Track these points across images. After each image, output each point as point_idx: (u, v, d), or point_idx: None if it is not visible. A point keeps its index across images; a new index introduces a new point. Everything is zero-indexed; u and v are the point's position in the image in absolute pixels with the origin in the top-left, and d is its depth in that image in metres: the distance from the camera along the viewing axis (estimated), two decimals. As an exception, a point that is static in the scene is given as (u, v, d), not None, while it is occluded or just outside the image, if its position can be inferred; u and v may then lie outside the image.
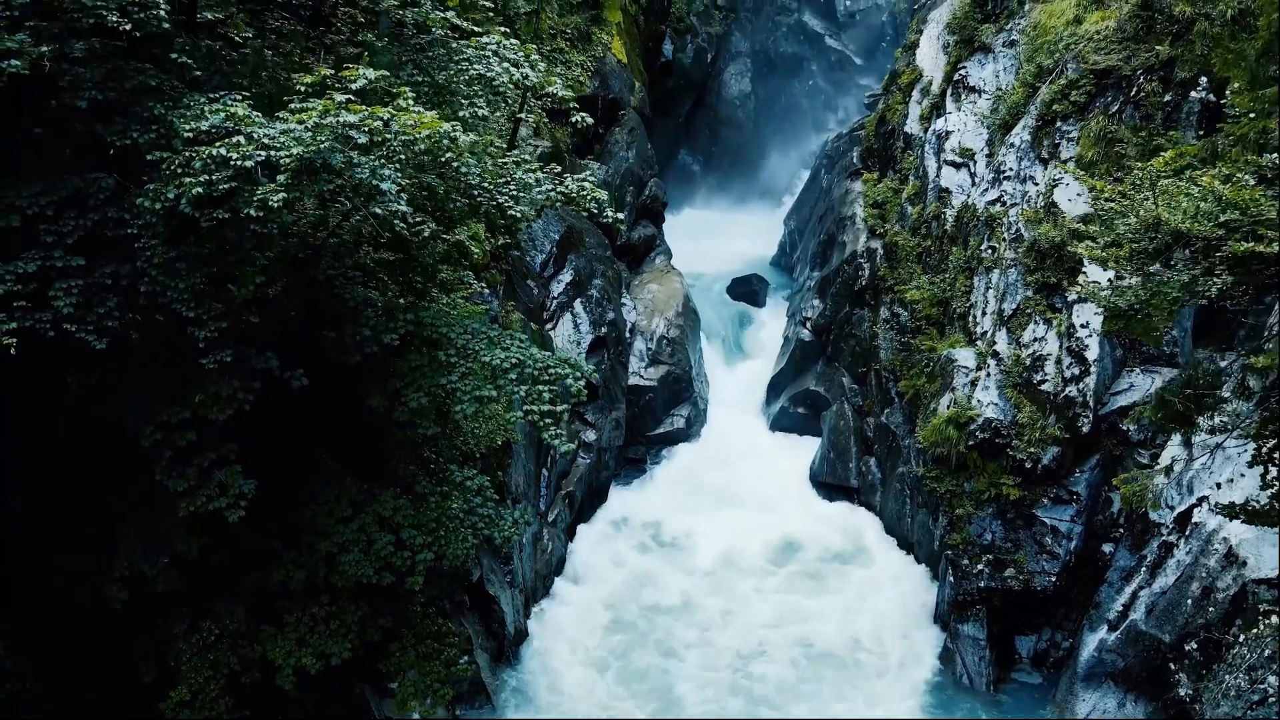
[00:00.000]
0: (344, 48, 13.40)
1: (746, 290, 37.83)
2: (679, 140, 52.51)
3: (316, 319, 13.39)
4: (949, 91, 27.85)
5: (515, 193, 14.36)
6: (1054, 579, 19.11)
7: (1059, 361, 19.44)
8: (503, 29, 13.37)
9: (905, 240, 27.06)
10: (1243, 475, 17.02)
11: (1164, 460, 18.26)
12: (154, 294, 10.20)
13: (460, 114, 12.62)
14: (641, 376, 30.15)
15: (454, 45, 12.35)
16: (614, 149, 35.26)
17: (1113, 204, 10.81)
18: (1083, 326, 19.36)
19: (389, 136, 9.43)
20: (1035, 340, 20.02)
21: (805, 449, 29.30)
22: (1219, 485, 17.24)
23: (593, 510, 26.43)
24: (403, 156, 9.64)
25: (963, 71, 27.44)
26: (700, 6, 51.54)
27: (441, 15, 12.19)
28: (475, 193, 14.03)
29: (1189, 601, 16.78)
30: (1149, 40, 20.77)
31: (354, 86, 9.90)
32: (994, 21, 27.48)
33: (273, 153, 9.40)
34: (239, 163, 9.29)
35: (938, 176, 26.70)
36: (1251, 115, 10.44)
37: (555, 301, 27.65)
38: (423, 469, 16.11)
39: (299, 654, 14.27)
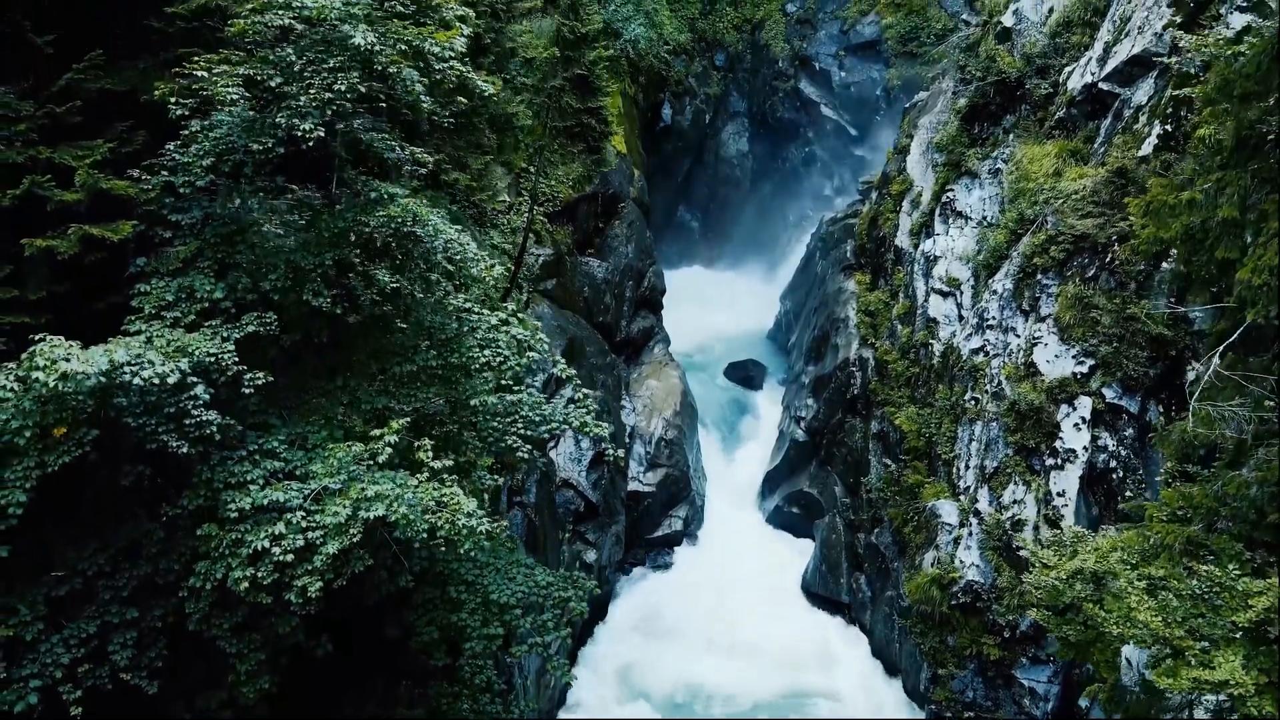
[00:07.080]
0: (370, 306, 14.34)
1: (743, 375, 38.88)
2: (678, 198, 53.40)
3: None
4: (937, 212, 28.81)
5: (523, 431, 15.41)
6: (1032, 739, 20.16)
7: (1036, 528, 20.42)
8: (509, 308, 14.41)
9: (896, 361, 28.07)
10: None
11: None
12: (199, 632, 11.26)
13: (471, 402, 13.68)
14: (640, 481, 31.10)
15: (467, 323, 13.36)
16: (613, 243, 36.14)
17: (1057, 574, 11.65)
18: (1059, 494, 20.35)
19: (413, 519, 10.50)
20: (1014, 502, 21.01)
21: (798, 552, 30.37)
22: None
23: (595, 624, 27.48)
24: (424, 525, 10.71)
25: (950, 194, 28.40)
26: (699, 68, 52.53)
27: (455, 304, 13.22)
28: (485, 434, 15.15)
29: (1157, 776, 17.80)
30: (1123, 208, 21.67)
31: (380, 460, 10.96)
32: (980, 147, 28.40)
33: (310, 534, 10.47)
34: (280, 556, 10.35)
35: (926, 301, 27.69)
36: (1180, 509, 11.37)
37: (557, 419, 28.60)
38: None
39: None
